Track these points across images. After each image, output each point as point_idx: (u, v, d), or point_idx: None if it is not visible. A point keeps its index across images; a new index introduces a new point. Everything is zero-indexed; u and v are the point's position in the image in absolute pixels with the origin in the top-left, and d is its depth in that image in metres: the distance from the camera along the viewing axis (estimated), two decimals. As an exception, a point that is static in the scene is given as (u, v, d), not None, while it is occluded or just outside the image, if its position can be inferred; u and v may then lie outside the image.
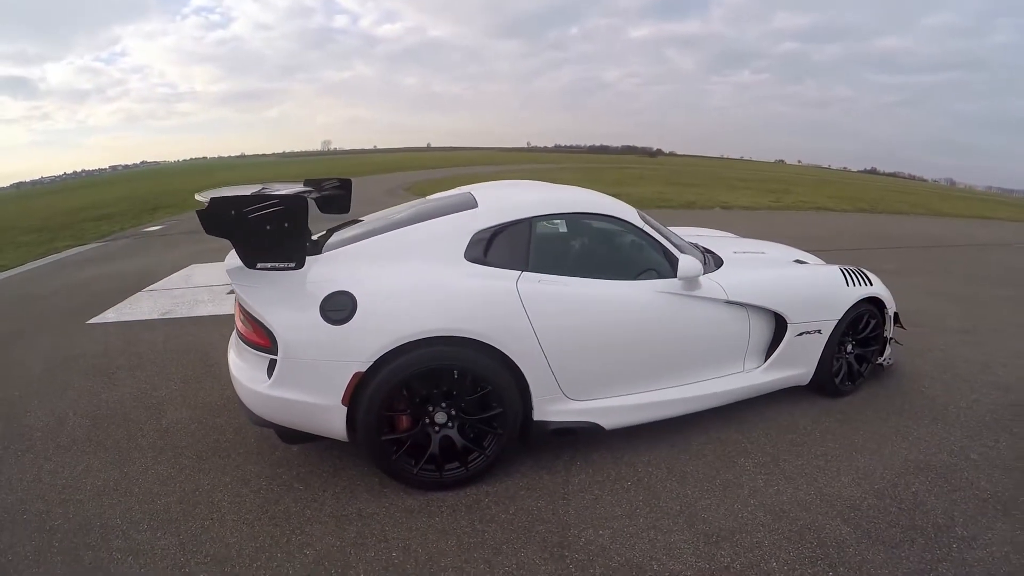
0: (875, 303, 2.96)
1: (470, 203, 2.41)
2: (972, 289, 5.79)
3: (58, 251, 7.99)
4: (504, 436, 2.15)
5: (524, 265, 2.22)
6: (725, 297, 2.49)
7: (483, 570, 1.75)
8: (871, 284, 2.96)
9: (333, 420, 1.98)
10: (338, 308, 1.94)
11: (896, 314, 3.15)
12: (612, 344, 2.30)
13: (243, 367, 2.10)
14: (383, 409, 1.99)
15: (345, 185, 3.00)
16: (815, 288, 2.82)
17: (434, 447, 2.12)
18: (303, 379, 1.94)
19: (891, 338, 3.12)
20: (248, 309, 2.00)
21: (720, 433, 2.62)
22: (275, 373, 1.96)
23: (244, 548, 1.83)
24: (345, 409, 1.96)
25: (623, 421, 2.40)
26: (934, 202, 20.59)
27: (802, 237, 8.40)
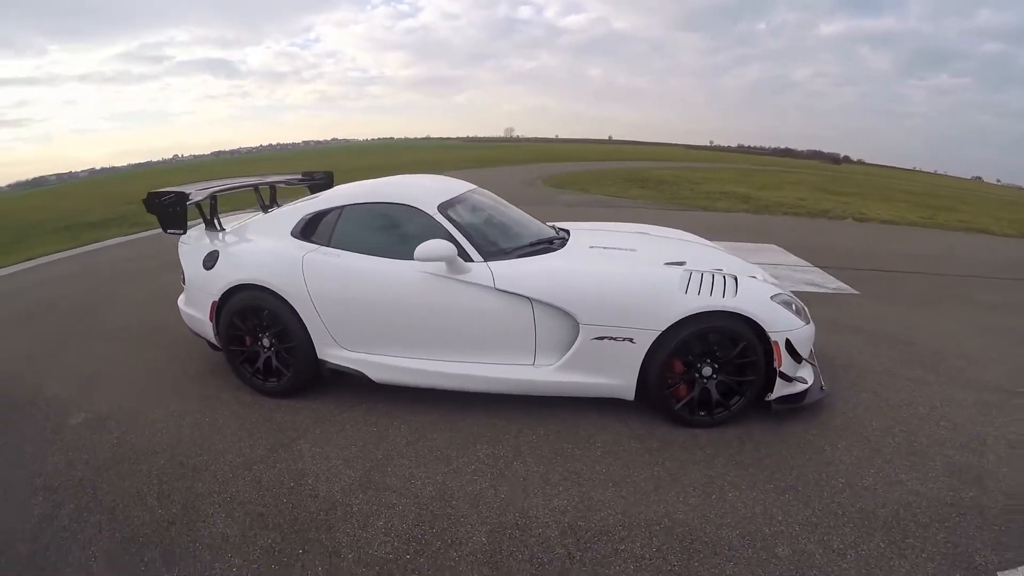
0: (750, 324, 2.19)
1: (318, 194, 2.97)
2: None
3: (222, 213, 10.68)
4: (298, 365, 2.63)
5: (327, 241, 2.64)
6: (492, 285, 2.29)
7: (234, 441, 2.36)
8: (732, 297, 2.17)
9: (209, 331, 2.78)
10: (210, 261, 2.77)
11: (788, 341, 2.23)
12: (374, 310, 2.48)
13: (182, 298, 3.03)
14: (230, 328, 2.69)
15: (328, 177, 3.89)
16: (625, 291, 2.25)
17: (260, 363, 2.72)
18: (194, 302, 2.87)
19: (782, 372, 2.24)
20: (180, 260, 2.96)
21: (499, 420, 2.46)
22: (184, 298, 2.94)
23: (144, 395, 2.82)
24: (212, 324, 2.73)
25: (391, 378, 2.52)
26: None
27: (906, 255, 6.18)
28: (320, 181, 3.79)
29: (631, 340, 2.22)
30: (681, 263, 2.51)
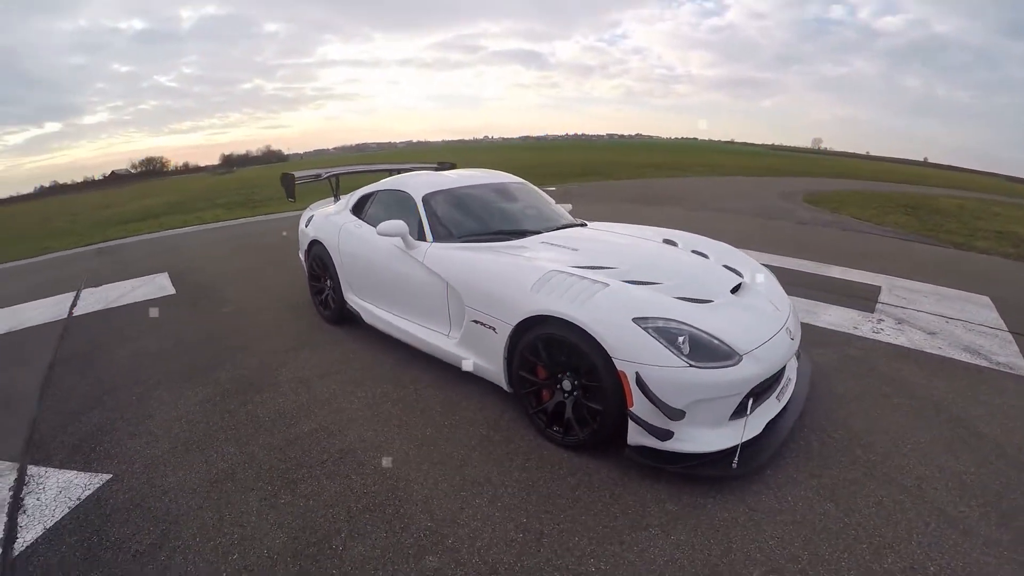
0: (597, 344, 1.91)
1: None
2: None
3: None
4: (337, 301, 3.58)
5: (362, 216, 3.49)
6: (423, 261, 2.70)
7: (279, 339, 3.42)
8: (579, 305, 1.94)
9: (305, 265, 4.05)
10: (307, 222, 3.95)
11: (640, 380, 1.78)
12: (364, 268, 3.23)
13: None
14: (310, 268, 3.88)
15: (452, 167, 4.65)
16: (492, 281, 2.35)
17: (323, 296, 3.77)
18: (301, 249, 4.03)
19: (634, 414, 1.82)
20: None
21: (426, 376, 2.79)
22: (299, 246, 4.14)
23: (270, 304, 4.23)
24: (306, 263, 3.97)
25: (374, 323, 3.22)
26: None
27: None
28: (446, 170, 4.44)
29: (494, 329, 2.29)
30: (610, 268, 2.29)
